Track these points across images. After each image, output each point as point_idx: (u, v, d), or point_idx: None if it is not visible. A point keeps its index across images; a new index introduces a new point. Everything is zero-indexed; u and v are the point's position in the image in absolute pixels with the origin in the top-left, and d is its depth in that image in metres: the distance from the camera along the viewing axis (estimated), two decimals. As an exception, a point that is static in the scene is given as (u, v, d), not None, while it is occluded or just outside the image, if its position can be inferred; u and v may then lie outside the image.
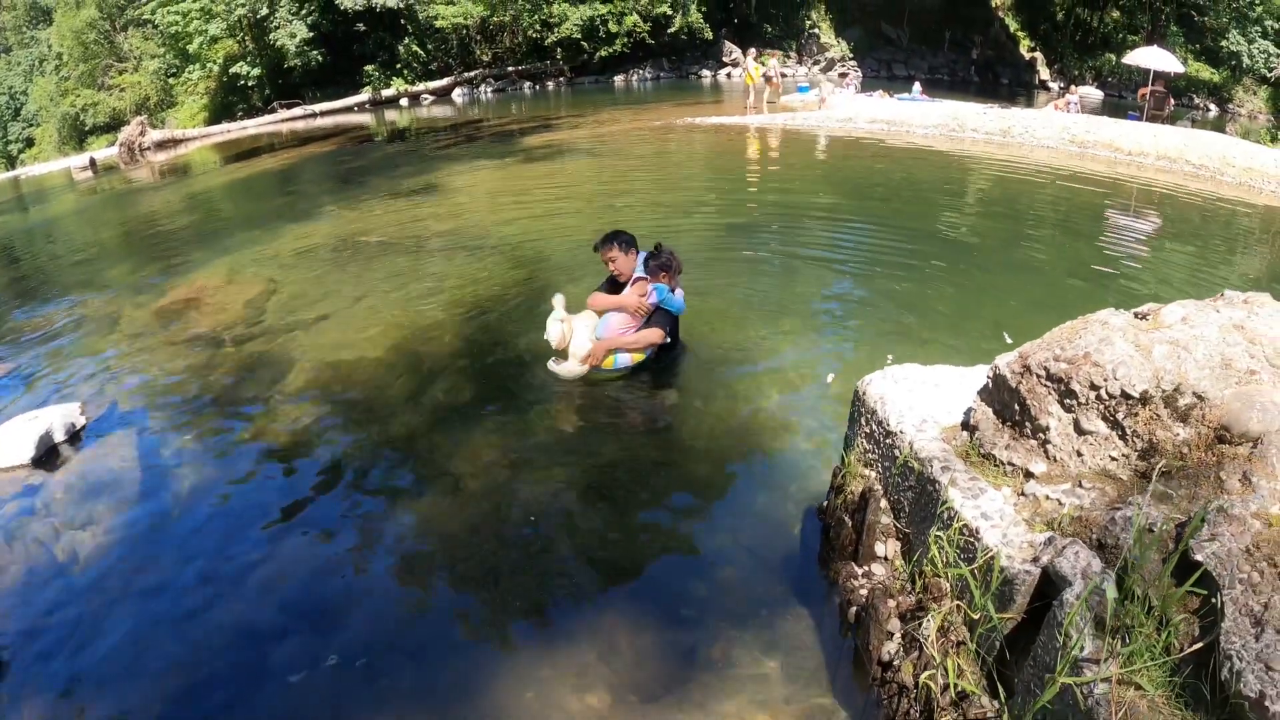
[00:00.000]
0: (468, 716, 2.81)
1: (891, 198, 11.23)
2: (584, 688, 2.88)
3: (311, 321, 6.79)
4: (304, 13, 32.77)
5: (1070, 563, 1.94)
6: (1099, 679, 1.71)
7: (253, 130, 29.85)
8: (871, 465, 3.05)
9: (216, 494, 4.45)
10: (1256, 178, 12.97)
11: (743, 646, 3.01)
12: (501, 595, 3.43)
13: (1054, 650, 1.88)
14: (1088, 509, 2.17)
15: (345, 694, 2.94)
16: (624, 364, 5.07)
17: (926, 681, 2.27)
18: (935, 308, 6.40)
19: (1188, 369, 2.26)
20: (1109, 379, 2.30)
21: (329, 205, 12.64)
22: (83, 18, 42.50)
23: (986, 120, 17.18)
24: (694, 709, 2.75)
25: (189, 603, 3.53)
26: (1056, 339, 2.56)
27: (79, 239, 13.56)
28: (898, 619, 2.56)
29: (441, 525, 3.92)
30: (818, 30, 39.93)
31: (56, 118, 44.93)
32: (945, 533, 2.36)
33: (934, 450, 2.65)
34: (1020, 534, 2.20)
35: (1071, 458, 2.38)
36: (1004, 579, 2.11)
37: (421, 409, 5.10)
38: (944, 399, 3.00)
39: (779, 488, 4.02)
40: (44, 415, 5.22)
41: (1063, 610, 1.87)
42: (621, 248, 5.08)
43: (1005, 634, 2.11)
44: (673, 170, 14.62)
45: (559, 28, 34.23)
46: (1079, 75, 38.73)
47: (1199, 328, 2.41)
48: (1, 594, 3.74)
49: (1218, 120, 32.81)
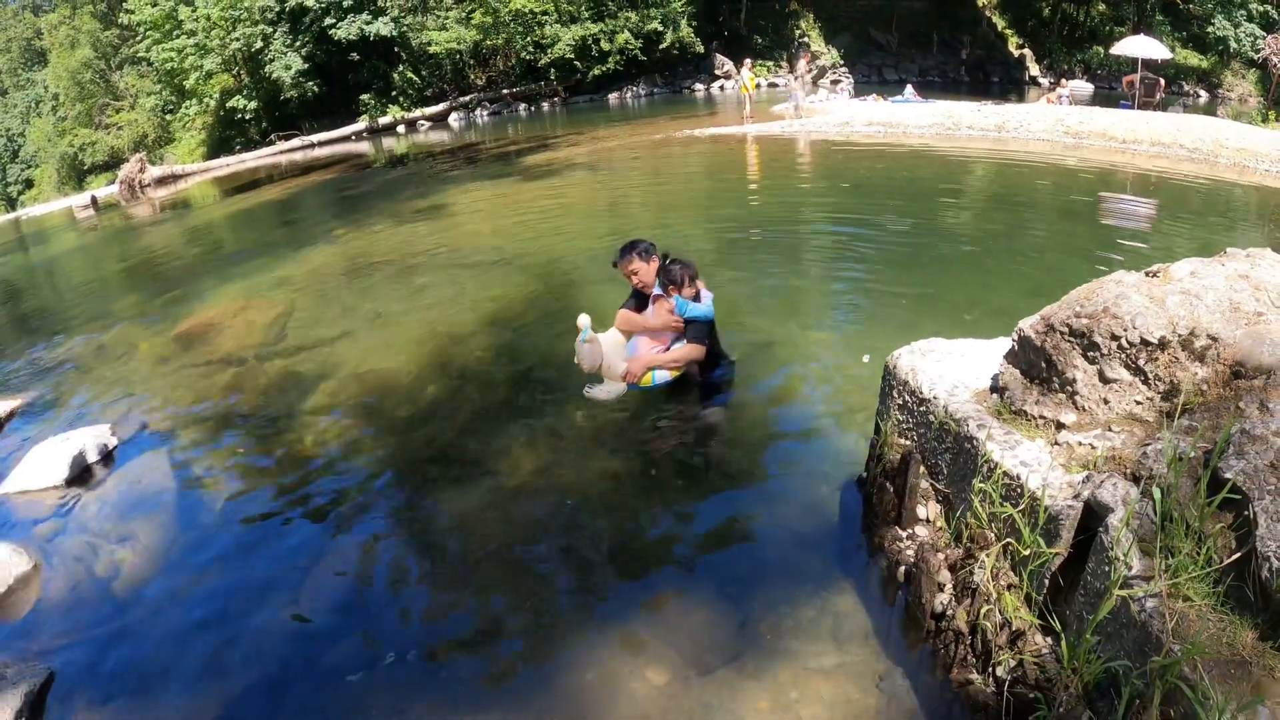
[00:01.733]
0: (532, 700, 2.87)
1: (895, 195, 11.35)
2: (643, 666, 2.95)
3: (332, 339, 6.90)
4: (298, 44, 33.12)
5: (1110, 492, 2.05)
6: (1150, 594, 1.80)
7: (252, 163, 30.15)
8: (907, 435, 3.14)
9: (253, 505, 4.53)
10: (1250, 158, 13.09)
11: (792, 618, 3.09)
12: (551, 584, 3.51)
13: (1103, 575, 1.98)
14: (1119, 449, 2.27)
15: (406, 688, 3.00)
16: (663, 380, 4.78)
17: (983, 623, 2.36)
18: (946, 295, 6.50)
19: (1200, 314, 2.37)
20: (1128, 329, 2.41)
21: (336, 229, 12.79)
22: (78, 58, 43.01)
23: (981, 117, 17.34)
24: (749, 680, 2.82)
25: (235, 610, 3.60)
26: (1075, 298, 2.67)
27: (88, 274, 13.72)
28: (947, 570, 2.65)
29: (483, 523, 4.00)
30: (807, 39, 40.22)
31: (55, 158, 45.39)
32: (987, 483, 2.45)
33: (968, 410, 2.75)
34: (1059, 476, 2.30)
35: (1099, 405, 2.48)
36: (1049, 516, 2.21)
37: (450, 415, 5.19)
38: (971, 367, 3.10)
39: (814, 467, 4.13)
40: (75, 437, 5.33)
41: (1108, 535, 1.97)
42: (642, 257, 4.82)
43: (1053, 570, 2.20)
44: (674, 180, 14.77)
45: (552, 49, 34.48)
46: (1068, 69, 38.93)
47: (1207, 279, 2.53)
48: (46, 608, 3.83)
49: (1208, 105, 32.94)
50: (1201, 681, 1.69)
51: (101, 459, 5.28)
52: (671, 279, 4.75)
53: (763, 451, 4.39)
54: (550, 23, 34.33)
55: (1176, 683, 1.74)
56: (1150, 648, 1.83)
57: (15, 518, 4.71)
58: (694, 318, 4.75)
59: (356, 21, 32.45)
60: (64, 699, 3.17)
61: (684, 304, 4.73)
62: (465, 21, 34.24)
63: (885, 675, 2.76)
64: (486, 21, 33.70)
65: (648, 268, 4.82)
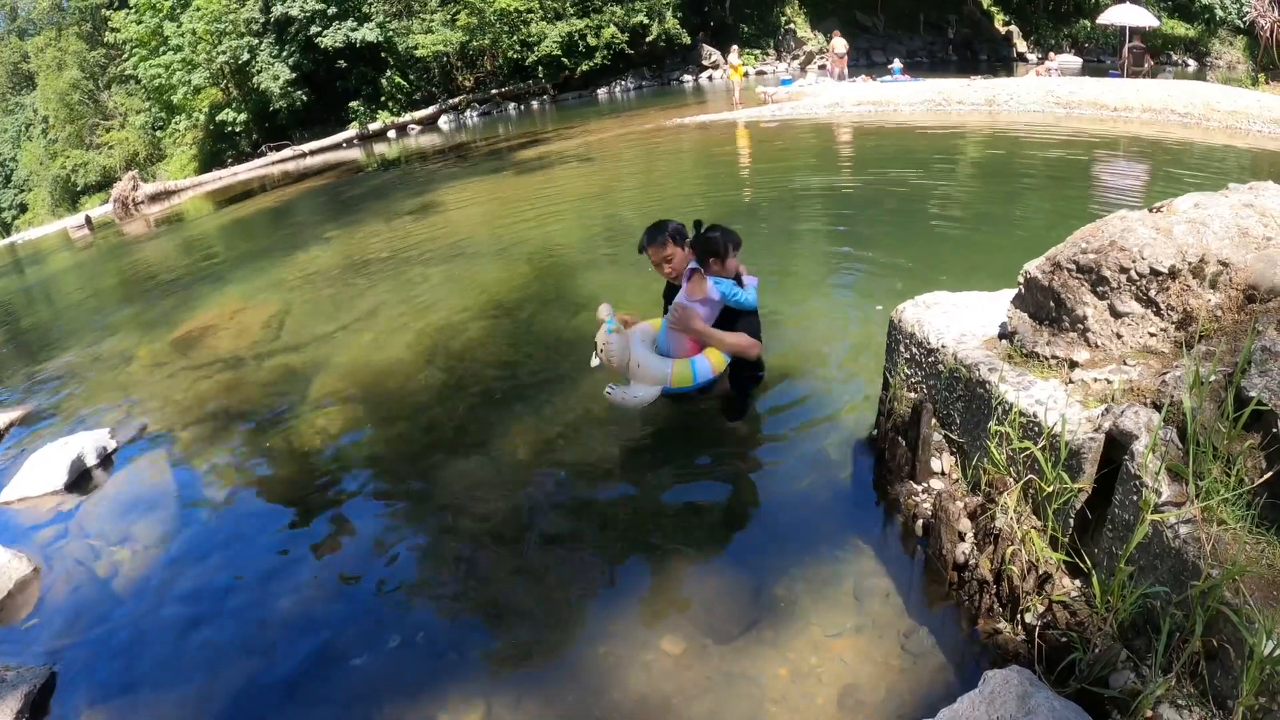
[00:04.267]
0: (545, 676, 2.82)
1: (889, 170, 11.26)
2: (658, 637, 2.88)
3: (329, 335, 6.84)
4: (285, 54, 33.03)
5: (1133, 420, 1.98)
6: (1182, 519, 1.74)
7: (244, 175, 30.08)
8: (916, 387, 3.08)
9: (253, 499, 4.48)
10: (1242, 120, 13.01)
11: (809, 581, 3.01)
12: (558, 560, 3.45)
13: (1132, 506, 1.91)
14: (1136, 381, 2.21)
15: (413, 671, 2.94)
16: (705, 377, 3.89)
17: (1008, 568, 2.29)
18: (946, 262, 6.42)
19: (1209, 241, 2.32)
20: (1137, 260, 2.34)
21: (329, 231, 12.73)
22: (66, 79, 42.89)
23: (971, 92, 17.23)
24: (768, 648, 2.75)
25: (236, 605, 3.54)
26: (1080, 236, 2.61)
27: (84, 290, 13.64)
28: (967, 519, 2.58)
29: (486, 504, 3.94)
30: (793, 26, 40.11)
31: (48, 181, 45.32)
32: (1004, 424, 2.38)
33: (978, 357, 2.69)
34: (1077, 412, 2.23)
35: (1112, 341, 2.41)
36: (1070, 451, 2.14)
37: (448, 402, 5.13)
38: (977, 317, 3.04)
39: (822, 429, 4.05)
40: (74, 441, 5.27)
41: (1134, 462, 1.90)
42: (677, 240, 3.95)
43: (1078, 508, 2.13)
44: (667, 166, 14.71)
45: (538, 47, 34.37)
46: (1056, 44, 38.80)
47: (1212, 209, 2.47)
48: (46, 610, 3.77)
49: (1197, 73, 32.80)
50: (1245, 605, 1.62)
51: (100, 462, 5.22)
52: (712, 249, 3.79)
53: (768, 417, 4.31)
54: (536, 20, 34.22)
55: (1219, 607, 1.67)
56: (1187, 574, 1.76)
57: (15, 523, 4.65)
58: (740, 304, 3.85)
59: (342, 29, 32.34)
60: (66, 698, 3.11)
61: (730, 286, 3.82)
62: (450, 24, 34.08)
63: (909, 633, 2.69)
64: (472, 22, 33.55)
65: (684, 255, 3.96)
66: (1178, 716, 1.78)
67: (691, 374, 3.78)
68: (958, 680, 2.42)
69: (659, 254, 3.94)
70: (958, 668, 2.48)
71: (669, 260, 3.95)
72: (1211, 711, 1.75)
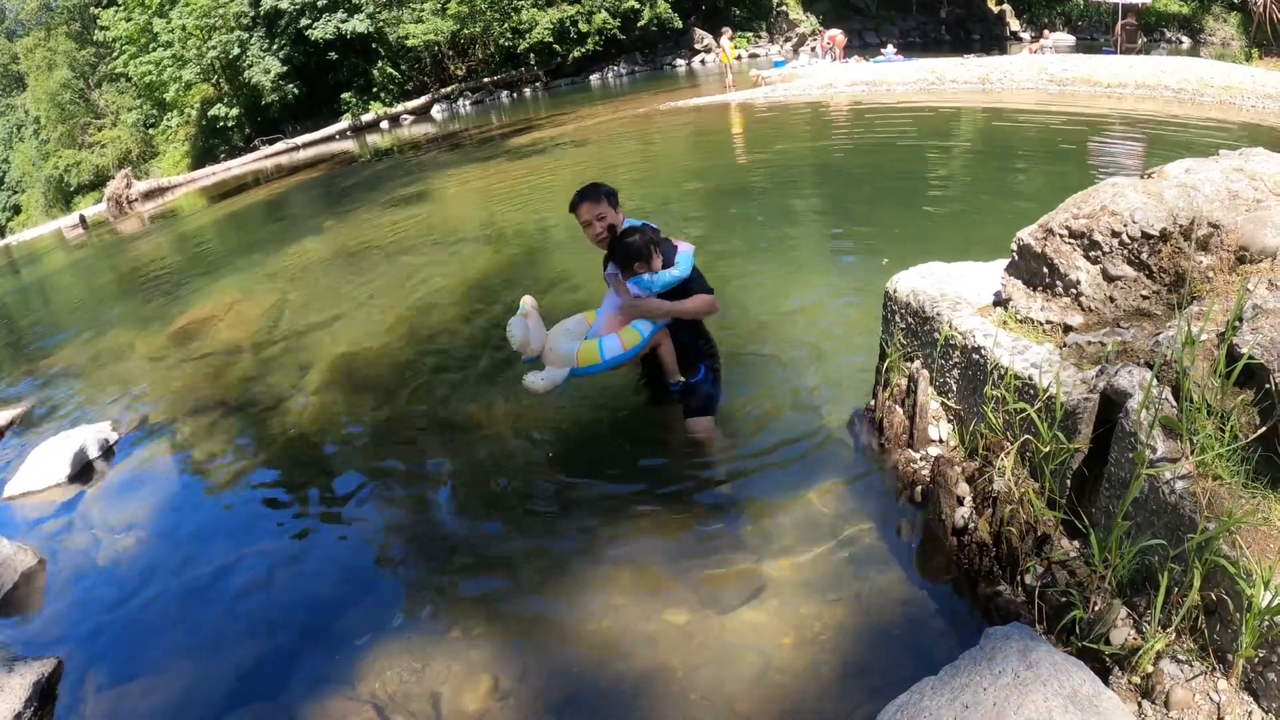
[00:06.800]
0: (549, 650, 2.84)
1: (883, 148, 11.26)
2: (660, 608, 2.91)
3: (326, 323, 6.86)
4: (275, 48, 32.88)
5: (1127, 379, 2.00)
6: (1178, 475, 1.76)
7: (237, 170, 30.01)
8: (912, 357, 3.09)
9: (254, 486, 4.52)
10: (1235, 95, 12.98)
11: (810, 551, 3.04)
12: (558, 534, 3.48)
13: (1127, 463, 1.93)
14: (1130, 342, 2.22)
15: (419, 647, 2.96)
16: (615, 357, 3.60)
17: (1007, 530, 2.31)
18: (942, 237, 6.44)
19: (1200, 203, 2.33)
20: (1128, 224, 2.36)
21: (324, 221, 12.74)
22: (56, 79, 42.63)
23: (965, 70, 17.18)
24: (771, 617, 2.77)
25: (239, 588, 3.57)
26: (1072, 202, 2.62)
27: (81, 288, 13.67)
28: (965, 483, 2.60)
29: (483, 482, 3.99)
30: (785, 7, 39.90)
31: (41, 181, 45.07)
32: (999, 388, 2.40)
33: (973, 324, 2.70)
34: (1072, 374, 2.25)
35: (1105, 304, 2.43)
36: (1066, 411, 2.16)
37: (444, 383, 5.17)
38: (971, 286, 3.05)
39: (818, 401, 4.08)
40: (76, 435, 5.29)
41: (1129, 420, 1.92)
42: (611, 200, 3.72)
43: (1075, 468, 2.15)
44: (661, 149, 14.71)
45: (530, 34, 34.19)
46: (1049, 23, 38.62)
47: (1202, 174, 2.49)
48: (53, 601, 3.81)
49: (1191, 50, 32.56)
50: (1242, 557, 1.64)
51: (103, 454, 5.25)
52: (635, 255, 3.54)
53: (766, 390, 4.33)
54: (527, 7, 34.03)
55: (1216, 560, 1.69)
56: (1184, 529, 1.78)
57: (20, 517, 4.68)
58: (669, 283, 3.57)
59: (332, 20, 32.19)
60: (74, 685, 3.14)
61: (645, 281, 3.57)
62: (441, 12, 33.87)
63: (910, 598, 2.71)
64: (462, 10, 33.35)
65: (618, 216, 3.73)
66: (1178, 670, 1.80)
67: (599, 353, 3.58)
68: (959, 643, 2.44)
69: (592, 210, 3.66)
70: (960, 630, 2.51)
71: (601, 218, 3.65)
72: (1212, 665, 1.78)
